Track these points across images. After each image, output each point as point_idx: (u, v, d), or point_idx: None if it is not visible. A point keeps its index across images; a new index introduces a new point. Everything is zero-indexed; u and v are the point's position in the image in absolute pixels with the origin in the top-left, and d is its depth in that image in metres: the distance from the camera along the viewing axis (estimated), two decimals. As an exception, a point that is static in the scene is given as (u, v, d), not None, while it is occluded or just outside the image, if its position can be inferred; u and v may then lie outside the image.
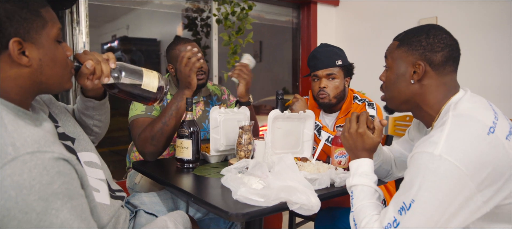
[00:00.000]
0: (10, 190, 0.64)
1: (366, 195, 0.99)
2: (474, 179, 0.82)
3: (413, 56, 1.01)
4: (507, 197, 0.86)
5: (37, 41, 0.79)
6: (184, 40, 1.77)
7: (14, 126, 0.71)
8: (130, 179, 1.70)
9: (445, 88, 1.00)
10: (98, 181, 0.92)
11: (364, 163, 1.07)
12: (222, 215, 0.99)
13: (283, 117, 1.49)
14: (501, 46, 2.73)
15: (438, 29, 1.03)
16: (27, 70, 0.79)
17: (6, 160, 0.65)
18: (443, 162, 0.83)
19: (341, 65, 1.78)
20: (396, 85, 1.06)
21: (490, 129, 0.87)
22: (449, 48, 1.00)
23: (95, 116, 1.16)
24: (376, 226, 0.90)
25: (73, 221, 0.70)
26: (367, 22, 3.63)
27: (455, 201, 0.83)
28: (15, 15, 0.76)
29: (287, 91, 4.08)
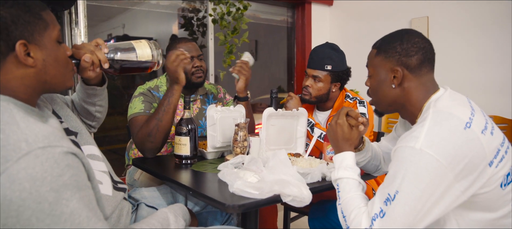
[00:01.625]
0: (25, 182, 0.69)
1: (351, 188, 1.05)
2: (453, 170, 0.89)
3: (390, 63, 1.08)
4: (482, 186, 0.93)
5: (41, 42, 0.85)
6: (184, 39, 1.83)
7: (26, 123, 0.76)
8: (130, 175, 1.75)
9: (424, 88, 1.07)
10: (100, 173, 0.97)
11: (347, 156, 1.14)
12: (219, 206, 1.05)
13: (277, 114, 1.56)
14: (492, 44, 2.80)
15: (411, 34, 1.09)
16: (33, 70, 0.84)
17: (21, 154, 0.71)
18: (423, 155, 0.90)
19: (330, 70, 1.82)
20: (380, 91, 1.13)
21: (466, 124, 0.93)
22: (422, 51, 1.07)
23: (97, 101, 1.24)
24: (364, 217, 0.95)
25: (82, 210, 0.75)
26: (360, 22, 3.70)
27: (436, 191, 0.89)
28: (20, 18, 0.81)
29: (282, 90, 4.14)
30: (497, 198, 0.96)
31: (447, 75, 3.04)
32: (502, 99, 2.75)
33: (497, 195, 0.95)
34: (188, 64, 1.61)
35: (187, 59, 1.60)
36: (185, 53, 1.60)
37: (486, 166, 0.92)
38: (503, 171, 0.95)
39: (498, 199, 0.96)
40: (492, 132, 0.97)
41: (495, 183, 0.94)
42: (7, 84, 0.82)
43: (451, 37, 3.02)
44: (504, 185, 0.95)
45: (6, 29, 0.80)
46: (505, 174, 0.96)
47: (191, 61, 1.75)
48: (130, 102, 1.74)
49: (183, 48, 1.73)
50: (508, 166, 0.97)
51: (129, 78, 3.52)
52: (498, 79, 2.77)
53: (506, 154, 0.97)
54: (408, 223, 0.90)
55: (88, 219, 0.76)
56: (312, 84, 1.85)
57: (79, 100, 1.24)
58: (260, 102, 4.08)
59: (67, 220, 0.73)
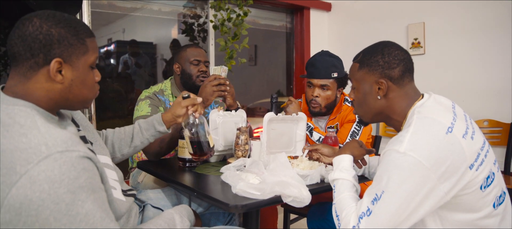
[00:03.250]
0: (44, 183, 0.74)
1: (345, 188, 1.11)
2: (435, 172, 0.94)
3: (374, 76, 1.13)
4: (463, 189, 0.98)
5: (75, 64, 0.91)
6: (194, 45, 1.94)
7: (46, 128, 0.82)
8: (133, 178, 1.80)
9: (408, 97, 1.13)
10: (113, 181, 1.03)
11: (344, 158, 1.20)
12: (223, 207, 1.10)
13: (278, 119, 1.61)
14: (487, 50, 2.86)
15: (391, 46, 1.15)
16: (59, 86, 0.90)
17: (41, 157, 0.76)
18: (407, 158, 0.95)
19: (336, 77, 1.87)
20: (365, 103, 1.18)
21: (448, 129, 0.99)
22: (403, 62, 1.12)
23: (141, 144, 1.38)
24: (353, 216, 1.01)
25: (96, 211, 0.80)
26: (358, 27, 3.76)
27: (420, 192, 0.94)
28: (65, 40, 0.88)
29: (281, 94, 4.20)
30: (478, 199, 1.00)
31: (443, 80, 3.10)
32: (498, 103, 2.80)
33: (478, 197, 1.00)
34: (223, 92, 1.72)
35: (224, 93, 1.72)
36: (227, 85, 1.72)
37: (467, 169, 0.97)
38: (483, 174, 1.00)
39: (478, 200, 1.01)
40: (472, 136, 1.02)
41: (476, 185, 0.99)
42: (34, 92, 0.88)
43: (446, 42, 3.08)
44: (484, 187, 1.01)
45: (50, 45, 0.86)
46: (485, 176, 1.01)
47: (197, 64, 1.85)
48: (136, 105, 1.79)
49: (194, 52, 1.86)
50: (488, 169, 1.02)
51: (129, 83, 3.57)
52: (493, 83, 2.83)
53: (485, 158, 1.02)
54: (393, 222, 0.95)
55: (101, 219, 0.81)
56: (320, 94, 1.86)
57: (131, 136, 1.36)
58: (259, 107, 4.14)
59: (82, 220, 0.78)
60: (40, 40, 0.85)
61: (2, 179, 0.74)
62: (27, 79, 0.87)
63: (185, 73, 1.86)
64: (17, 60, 0.87)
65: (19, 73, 0.87)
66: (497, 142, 2.77)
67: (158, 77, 3.74)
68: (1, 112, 0.82)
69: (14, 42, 0.86)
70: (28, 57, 0.86)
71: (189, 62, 1.86)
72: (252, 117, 3.89)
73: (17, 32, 0.86)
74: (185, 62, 1.87)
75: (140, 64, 3.60)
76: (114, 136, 1.36)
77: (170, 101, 1.86)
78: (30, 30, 0.85)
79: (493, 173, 1.04)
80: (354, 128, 1.81)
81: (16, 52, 0.86)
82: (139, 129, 1.37)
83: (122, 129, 1.38)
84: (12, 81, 0.88)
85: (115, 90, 3.44)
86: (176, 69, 1.91)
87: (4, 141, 0.78)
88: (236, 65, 2.90)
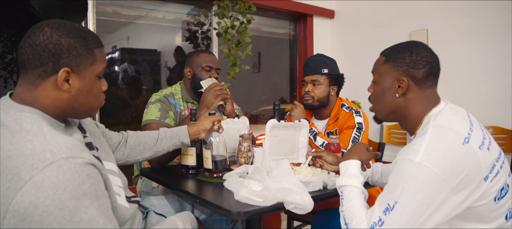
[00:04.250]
0: (48, 189, 0.75)
1: (354, 196, 1.09)
2: (450, 183, 0.93)
3: (397, 72, 1.11)
4: (477, 200, 0.96)
5: (83, 74, 0.92)
6: (207, 51, 1.97)
7: (51, 135, 0.83)
8: (146, 184, 1.80)
9: (427, 101, 1.11)
10: (117, 187, 1.04)
11: (352, 164, 1.18)
12: (226, 213, 1.10)
13: (280, 126, 1.61)
14: (491, 57, 2.86)
15: (421, 47, 1.12)
16: (66, 95, 0.91)
17: (45, 164, 0.77)
18: (422, 168, 0.93)
19: (327, 73, 1.93)
20: (383, 99, 1.16)
21: (465, 139, 0.97)
22: (430, 65, 1.10)
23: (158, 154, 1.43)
24: (364, 225, 0.99)
25: (99, 217, 0.81)
26: (361, 34, 3.77)
27: (433, 203, 0.93)
28: (74, 50, 0.89)
29: (284, 101, 4.20)
30: (491, 211, 0.99)
31: (446, 87, 3.09)
32: (502, 110, 2.79)
33: (491, 208, 0.98)
34: (226, 95, 1.78)
35: (227, 96, 1.78)
36: (227, 91, 1.78)
37: (482, 180, 0.95)
38: (497, 186, 0.98)
39: (491, 212, 0.99)
40: (489, 147, 1.00)
41: (490, 197, 0.97)
42: (41, 99, 0.89)
43: (450, 49, 3.08)
44: (498, 199, 0.98)
45: (59, 55, 0.88)
46: (499, 188, 0.99)
47: (209, 70, 1.88)
48: (146, 107, 1.81)
49: (206, 58, 1.89)
50: (503, 180, 1.00)
51: (134, 90, 3.59)
52: (497, 90, 2.82)
53: (501, 169, 1.00)
54: None
55: (104, 226, 0.82)
56: (312, 89, 1.93)
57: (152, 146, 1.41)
58: (263, 114, 4.14)
59: (86, 227, 0.79)
60: (50, 49, 0.87)
61: (8, 184, 0.75)
62: (35, 87, 0.89)
63: (196, 78, 1.87)
64: (26, 68, 0.88)
65: (28, 81, 0.89)
66: (502, 149, 2.74)
67: (162, 84, 3.77)
68: (8, 118, 0.84)
69: (24, 50, 0.88)
70: (37, 65, 0.87)
71: (201, 67, 1.87)
72: (255, 124, 3.90)
73: (28, 40, 0.88)
74: (197, 67, 1.88)
75: (140, 71, 3.62)
76: (138, 139, 1.39)
77: (180, 105, 1.87)
78: (40, 39, 0.87)
79: (508, 185, 1.02)
80: (354, 134, 1.82)
81: (26, 60, 0.88)
82: (164, 136, 1.41)
83: (145, 132, 1.43)
84: (20, 88, 0.90)
85: (119, 97, 3.46)
86: (187, 73, 1.92)
87: (10, 146, 0.79)
88: (240, 72, 2.92)
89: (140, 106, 3.49)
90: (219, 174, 1.44)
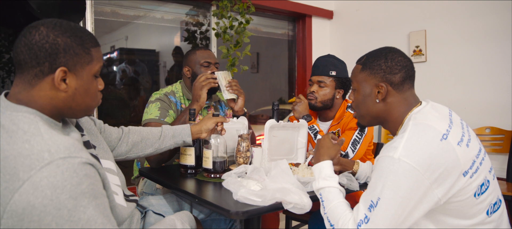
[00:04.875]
0: (46, 189, 0.75)
1: (334, 196, 1.13)
2: (429, 178, 0.96)
3: (375, 79, 1.15)
4: (458, 195, 0.99)
5: (79, 74, 0.92)
6: (204, 47, 1.96)
7: (49, 135, 0.83)
8: (148, 185, 1.79)
9: (406, 103, 1.14)
10: (115, 186, 1.04)
11: (325, 165, 1.22)
12: (224, 213, 1.10)
13: (279, 126, 1.62)
14: (489, 57, 2.86)
15: (395, 52, 1.17)
16: (63, 95, 0.91)
17: (43, 164, 0.77)
18: (401, 164, 0.96)
19: (334, 76, 1.91)
20: (364, 105, 1.20)
21: (443, 136, 1.00)
22: (405, 69, 1.14)
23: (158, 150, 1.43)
24: (351, 223, 1.02)
25: (97, 217, 0.81)
26: (359, 35, 3.78)
27: (414, 196, 0.96)
28: (71, 49, 0.89)
29: (283, 101, 4.21)
30: (471, 206, 1.01)
31: (444, 87, 3.10)
32: (500, 111, 2.80)
33: (471, 204, 1.01)
34: (213, 83, 1.76)
35: (215, 83, 1.75)
36: (214, 78, 1.75)
37: (460, 175, 0.98)
38: (477, 182, 1.01)
39: (472, 207, 1.02)
40: (468, 143, 1.03)
41: (469, 193, 1.00)
42: (38, 99, 0.89)
43: (448, 50, 3.09)
44: (478, 194, 1.01)
45: (55, 54, 0.87)
46: (479, 184, 1.02)
47: (208, 66, 1.87)
48: (146, 107, 1.80)
49: (204, 54, 1.87)
50: (483, 176, 1.03)
51: (133, 90, 3.59)
52: (495, 91, 2.83)
53: (480, 165, 1.03)
54: (391, 226, 0.96)
55: (103, 225, 0.82)
56: (317, 90, 1.92)
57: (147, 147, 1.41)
58: (261, 114, 4.15)
59: (84, 226, 0.78)
60: (46, 49, 0.86)
61: (5, 184, 0.75)
62: (32, 87, 0.88)
63: (195, 76, 1.85)
64: (22, 68, 0.88)
65: (24, 81, 0.89)
66: (499, 149, 2.76)
67: (160, 84, 3.76)
68: (5, 119, 0.83)
69: (20, 50, 0.87)
70: (34, 65, 0.87)
71: (199, 64, 1.86)
72: (254, 124, 3.90)
73: (24, 40, 0.87)
74: (195, 65, 1.87)
75: (138, 72, 3.62)
76: (140, 135, 1.39)
77: (181, 103, 1.87)
78: (36, 38, 0.86)
79: (488, 181, 1.05)
80: (355, 135, 1.81)
81: (22, 60, 0.87)
82: (167, 134, 1.42)
83: (148, 128, 1.43)
84: (17, 88, 0.89)
85: (117, 97, 3.46)
86: (186, 73, 1.91)
87: (8, 147, 0.79)
88: (238, 72, 2.92)
89: (139, 106, 3.48)
90: (217, 176, 1.44)
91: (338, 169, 1.44)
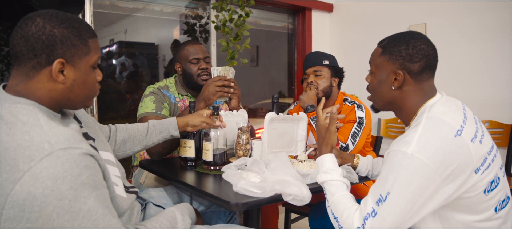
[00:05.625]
0: (47, 180, 0.75)
1: (337, 189, 1.12)
2: (441, 175, 0.94)
3: (393, 65, 1.11)
4: (467, 191, 0.98)
5: (77, 65, 0.91)
6: (192, 41, 1.90)
7: (49, 126, 0.83)
8: (135, 179, 1.81)
9: (422, 93, 1.11)
10: (115, 177, 1.04)
11: (326, 159, 1.22)
12: (224, 205, 1.11)
13: (279, 118, 1.62)
14: (490, 51, 2.86)
15: (419, 39, 1.11)
16: (61, 86, 0.90)
17: (43, 155, 0.77)
18: (414, 160, 0.95)
19: (328, 65, 1.95)
20: (379, 90, 1.17)
21: (457, 132, 0.98)
22: (426, 58, 1.09)
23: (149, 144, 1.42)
24: (357, 216, 1.01)
25: (98, 208, 0.81)
26: (359, 28, 3.77)
27: (425, 193, 0.95)
28: (68, 41, 0.88)
29: (283, 95, 4.20)
30: (480, 202, 1.00)
31: (444, 82, 3.10)
32: (499, 105, 2.80)
33: (480, 200, 1.00)
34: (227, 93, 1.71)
35: (228, 95, 1.71)
36: (232, 87, 1.71)
37: (472, 172, 0.97)
38: (487, 178, 1.00)
39: (481, 204, 1.01)
40: (481, 140, 1.01)
41: (480, 189, 0.99)
42: (36, 91, 0.89)
43: (448, 43, 3.08)
44: (487, 191, 1.00)
45: (52, 46, 0.87)
46: (489, 181, 1.00)
47: (197, 63, 1.83)
48: (141, 101, 1.79)
49: (191, 50, 1.83)
50: (493, 173, 1.01)
51: (132, 83, 3.59)
52: (495, 85, 2.83)
53: (492, 162, 1.01)
54: (398, 222, 0.95)
55: (103, 216, 0.82)
56: (315, 79, 1.95)
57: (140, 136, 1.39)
58: (261, 107, 4.14)
59: (85, 217, 0.79)
60: (43, 40, 0.86)
61: (6, 176, 0.75)
62: (29, 79, 0.88)
63: (186, 73, 1.84)
64: (19, 60, 0.88)
65: (22, 73, 0.88)
66: (498, 143, 2.76)
67: (160, 77, 3.76)
68: (4, 111, 0.83)
69: (16, 42, 0.86)
70: (31, 57, 0.86)
71: (188, 61, 1.83)
72: (253, 117, 3.90)
73: (20, 32, 0.87)
74: (185, 62, 1.84)
75: (138, 65, 3.61)
76: (127, 132, 1.37)
77: (175, 97, 1.86)
78: (33, 30, 0.86)
79: (499, 178, 1.03)
80: (354, 128, 1.82)
81: (19, 52, 0.87)
82: (154, 129, 1.40)
83: (134, 125, 1.40)
84: (14, 80, 0.89)
85: (116, 91, 3.45)
86: (177, 69, 1.90)
87: (7, 138, 0.79)
88: (238, 66, 2.91)
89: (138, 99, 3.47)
90: (217, 168, 1.44)
91: (338, 163, 1.44)
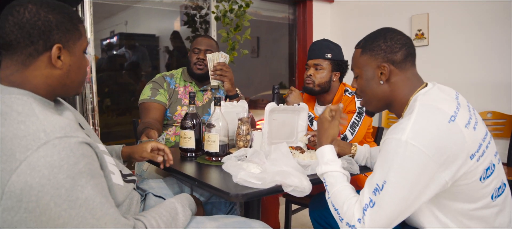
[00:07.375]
0: (44, 169, 0.75)
1: (337, 180, 1.11)
2: (436, 161, 0.94)
3: (377, 60, 1.14)
4: (464, 178, 0.98)
5: (72, 50, 0.92)
6: (204, 35, 2.11)
7: (44, 115, 0.82)
8: (138, 166, 1.81)
9: (410, 82, 1.13)
10: (112, 165, 1.03)
11: (326, 150, 1.20)
12: (224, 196, 1.10)
13: (279, 109, 1.61)
14: (492, 41, 2.84)
15: (393, 32, 1.15)
16: (58, 72, 0.90)
17: (40, 144, 0.76)
18: (408, 146, 0.94)
19: (330, 58, 1.92)
20: (369, 89, 1.18)
21: (451, 118, 0.98)
22: (405, 46, 1.12)
23: None
24: (357, 208, 1.00)
25: (95, 196, 0.81)
26: (360, 19, 3.74)
27: (421, 180, 0.94)
28: (63, 25, 0.88)
29: (283, 86, 4.19)
30: (476, 190, 1.00)
31: (446, 71, 3.08)
32: (502, 95, 2.79)
33: (476, 188, 1.00)
34: None
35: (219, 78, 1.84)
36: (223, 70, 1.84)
37: (467, 158, 0.97)
38: (483, 165, 1.00)
39: (477, 191, 1.01)
40: (475, 126, 1.02)
41: (475, 176, 0.99)
42: (32, 79, 0.88)
43: (451, 33, 3.06)
44: (483, 178, 1.00)
45: (49, 31, 0.87)
46: (485, 168, 1.00)
47: (198, 52, 1.95)
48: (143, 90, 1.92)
49: (198, 40, 1.98)
50: (488, 160, 1.02)
51: (133, 75, 3.57)
52: (497, 75, 2.81)
53: (487, 149, 1.02)
54: (397, 211, 0.95)
55: (101, 205, 0.82)
56: (314, 73, 1.93)
57: None
58: (262, 98, 4.13)
59: (82, 205, 0.78)
60: (39, 26, 0.85)
61: (2, 166, 0.75)
62: (26, 67, 0.87)
63: (188, 61, 1.98)
64: (14, 48, 0.86)
65: (16, 62, 0.87)
66: (501, 134, 2.75)
67: (160, 69, 3.74)
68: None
69: (9, 30, 0.85)
70: (28, 44, 0.85)
71: (191, 50, 1.98)
72: (254, 108, 3.89)
73: (12, 19, 0.85)
74: (190, 51, 1.99)
75: (138, 56, 3.60)
76: None
77: (176, 83, 1.96)
78: (27, 16, 0.85)
79: (494, 165, 1.04)
80: (354, 118, 1.81)
81: (14, 40, 0.85)
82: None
83: None
84: (8, 70, 0.88)
85: (117, 82, 3.44)
86: (188, 58, 2.03)
87: (3, 129, 0.78)
88: (238, 56, 2.89)
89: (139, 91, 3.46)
90: (218, 159, 1.44)
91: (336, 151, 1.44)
